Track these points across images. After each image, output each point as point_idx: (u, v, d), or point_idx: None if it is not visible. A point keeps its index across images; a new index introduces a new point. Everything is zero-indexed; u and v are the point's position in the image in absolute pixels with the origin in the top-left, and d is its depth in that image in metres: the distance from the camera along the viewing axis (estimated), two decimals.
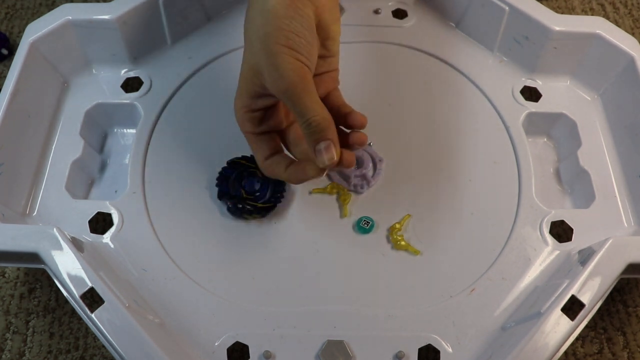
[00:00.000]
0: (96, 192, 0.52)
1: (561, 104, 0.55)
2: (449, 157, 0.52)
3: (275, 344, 0.43)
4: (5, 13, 0.69)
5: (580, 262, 0.44)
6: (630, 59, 0.52)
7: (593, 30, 0.53)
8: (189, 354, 0.42)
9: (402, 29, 0.60)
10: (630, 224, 0.49)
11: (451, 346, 0.43)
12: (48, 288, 0.50)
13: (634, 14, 0.70)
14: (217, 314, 0.44)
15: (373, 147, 0.52)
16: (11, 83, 0.48)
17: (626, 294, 0.51)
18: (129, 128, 0.55)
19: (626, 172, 0.51)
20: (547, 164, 0.54)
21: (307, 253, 0.47)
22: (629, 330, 0.49)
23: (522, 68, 0.57)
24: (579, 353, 0.48)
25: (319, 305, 0.45)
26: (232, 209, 0.48)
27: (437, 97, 0.56)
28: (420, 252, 0.47)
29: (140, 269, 0.46)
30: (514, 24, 0.55)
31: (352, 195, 0.50)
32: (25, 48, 0.50)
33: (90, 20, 0.53)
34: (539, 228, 0.48)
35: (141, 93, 0.54)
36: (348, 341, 0.43)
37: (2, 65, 0.65)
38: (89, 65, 0.56)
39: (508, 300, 0.45)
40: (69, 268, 0.40)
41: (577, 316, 0.39)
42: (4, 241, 0.41)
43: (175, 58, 0.57)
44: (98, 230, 0.47)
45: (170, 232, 0.48)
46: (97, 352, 0.47)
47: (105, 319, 0.38)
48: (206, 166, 0.51)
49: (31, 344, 0.48)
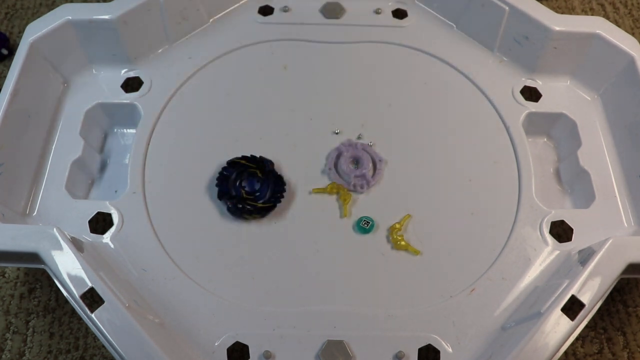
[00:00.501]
0: (96, 192, 0.52)
1: (561, 104, 0.55)
2: (449, 157, 0.52)
3: (275, 344, 0.43)
4: (5, 13, 0.69)
5: (580, 262, 0.44)
6: (630, 59, 0.52)
7: (593, 30, 0.53)
8: (189, 354, 0.42)
9: (402, 29, 0.60)
10: (630, 224, 0.49)
11: (451, 346, 0.43)
12: (48, 288, 0.50)
13: (634, 14, 0.70)
14: (217, 314, 0.44)
15: (373, 147, 0.52)
16: (11, 83, 0.48)
17: (626, 294, 0.51)
18: (129, 128, 0.55)
19: (626, 172, 0.51)
20: (547, 164, 0.54)
21: (307, 253, 0.47)
22: (629, 330, 0.49)
23: (522, 68, 0.57)
24: (579, 353, 0.48)
25: (319, 305, 0.45)
26: (232, 209, 0.48)
27: (437, 97, 0.56)
28: (420, 252, 0.47)
29: (140, 269, 0.46)
30: (514, 24, 0.55)
31: (352, 195, 0.50)
32: (25, 48, 0.50)
33: (90, 20, 0.53)
34: (539, 228, 0.48)
35: (141, 93, 0.54)
36: (348, 341, 0.43)
37: (2, 65, 0.65)
38: (89, 65, 0.56)
39: (508, 300, 0.45)
40: (69, 268, 0.40)
41: (577, 316, 0.39)
42: (4, 241, 0.41)
43: (175, 58, 0.57)
44: (98, 230, 0.47)
45: (170, 232, 0.48)
46: (97, 352, 0.47)
47: (105, 319, 0.38)
48: (206, 166, 0.51)
49: (31, 344, 0.48)
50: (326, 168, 0.51)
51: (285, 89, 0.56)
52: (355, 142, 0.52)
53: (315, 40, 0.59)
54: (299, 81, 0.57)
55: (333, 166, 0.51)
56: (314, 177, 0.51)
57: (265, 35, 0.59)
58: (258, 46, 0.59)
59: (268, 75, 0.57)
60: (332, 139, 0.53)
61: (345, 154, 0.51)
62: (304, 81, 0.57)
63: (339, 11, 0.61)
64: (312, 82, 0.57)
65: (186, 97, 0.55)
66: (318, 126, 0.54)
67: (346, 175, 0.51)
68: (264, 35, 0.59)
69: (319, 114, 0.55)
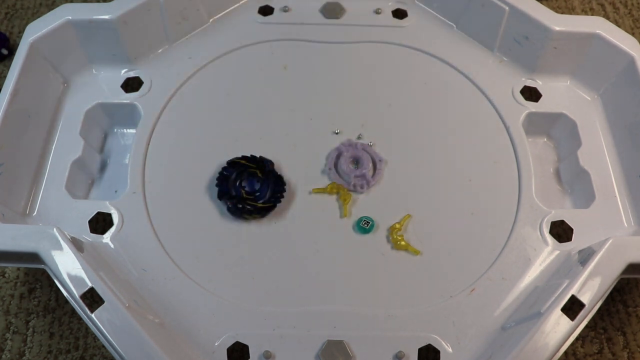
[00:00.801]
0: (96, 192, 0.52)
1: (561, 104, 0.55)
2: (449, 157, 0.52)
3: (275, 344, 0.43)
4: (5, 13, 0.69)
5: (580, 262, 0.44)
6: (630, 59, 0.52)
7: (593, 30, 0.53)
8: (189, 354, 0.42)
9: (402, 29, 0.60)
10: (630, 224, 0.49)
11: (451, 346, 0.43)
12: (48, 288, 0.50)
13: (634, 14, 0.70)
14: (217, 314, 0.44)
15: (373, 147, 0.52)
16: (11, 83, 0.48)
17: (626, 294, 0.51)
18: (129, 128, 0.55)
19: (626, 172, 0.51)
20: (547, 164, 0.54)
21: (307, 253, 0.47)
22: (629, 330, 0.49)
23: (522, 68, 0.57)
24: (579, 353, 0.48)
25: (319, 305, 0.45)
26: (232, 209, 0.48)
27: (437, 97, 0.56)
28: (420, 252, 0.47)
29: (140, 269, 0.46)
30: (514, 24, 0.55)
31: (352, 195, 0.50)
32: (25, 48, 0.50)
33: (90, 20, 0.53)
34: (539, 228, 0.48)
35: (141, 93, 0.54)
36: (348, 341, 0.43)
37: (2, 65, 0.65)
38: (89, 65, 0.56)
39: (508, 300, 0.45)
40: (69, 268, 0.40)
41: (577, 316, 0.39)
42: (4, 241, 0.41)
43: (175, 58, 0.57)
44: (98, 230, 0.47)
45: (170, 232, 0.48)
46: (97, 352, 0.47)
47: (105, 319, 0.38)
48: (206, 166, 0.51)
49: (31, 344, 0.48)
50: (326, 168, 0.51)
51: (285, 89, 0.56)
52: (355, 142, 0.52)
53: (315, 40, 0.59)
54: (299, 81, 0.57)
55: (333, 166, 0.51)
56: (314, 177, 0.51)
57: (265, 35, 0.59)
58: (258, 46, 0.59)
59: (268, 75, 0.57)
60: (332, 139, 0.53)
61: (345, 154, 0.51)
62: (304, 81, 0.57)
63: (339, 11, 0.61)
64: (312, 82, 0.57)
65: (186, 97, 0.55)
66: (318, 126, 0.54)
67: (346, 175, 0.51)
68: (264, 35, 0.59)
69: (319, 114, 0.55)
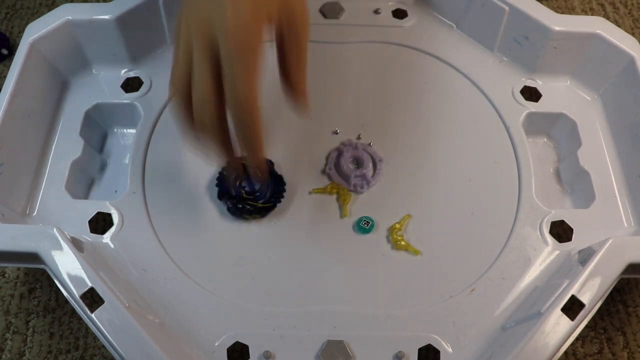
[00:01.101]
0: (96, 192, 0.52)
1: (561, 104, 0.55)
2: (449, 157, 0.52)
3: (275, 344, 0.43)
4: (5, 13, 0.69)
5: (580, 262, 0.44)
6: (630, 59, 0.52)
7: (593, 30, 0.53)
8: (189, 354, 0.42)
9: (402, 29, 0.60)
10: (630, 224, 0.49)
11: (451, 346, 0.43)
12: (48, 288, 0.50)
13: (634, 14, 0.70)
14: (217, 314, 0.44)
15: (373, 147, 0.52)
16: (11, 83, 0.48)
17: (626, 294, 0.51)
18: (129, 128, 0.55)
19: (626, 172, 0.51)
20: (547, 164, 0.54)
21: (307, 253, 0.47)
22: (629, 330, 0.49)
23: (522, 68, 0.57)
24: (579, 353, 0.48)
25: (319, 305, 0.45)
26: (232, 209, 0.48)
27: (437, 97, 0.56)
28: (420, 252, 0.47)
29: (140, 269, 0.46)
30: (514, 24, 0.55)
31: (352, 195, 0.50)
32: (25, 48, 0.50)
33: (90, 20, 0.53)
34: (539, 228, 0.48)
35: (141, 93, 0.54)
36: (348, 341, 0.43)
37: (2, 65, 0.65)
38: (89, 65, 0.56)
39: (508, 300, 0.45)
40: (69, 268, 0.40)
41: (577, 316, 0.39)
42: (4, 241, 0.41)
43: None
44: (98, 230, 0.47)
45: (170, 232, 0.48)
46: (97, 352, 0.47)
47: (105, 319, 0.38)
48: (206, 166, 0.51)
49: (31, 344, 0.48)
50: (326, 168, 0.51)
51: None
52: (356, 142, 0.52)
53: (314, 40, 0.59)
54: None
55: (333, 166, 0.51)
56: (314, 177, 0.51)
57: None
58: None
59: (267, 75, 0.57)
60: (332, 139, 0.53)
61: (346, 154, 0.51)
62: None
63: (338, 11, 0.61)
64: (311, 82, 0.57)
65: None
66: (318, 126, 0.54)
67: (346, 175, 0.50)
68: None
69: (319, 114, 0.55)
